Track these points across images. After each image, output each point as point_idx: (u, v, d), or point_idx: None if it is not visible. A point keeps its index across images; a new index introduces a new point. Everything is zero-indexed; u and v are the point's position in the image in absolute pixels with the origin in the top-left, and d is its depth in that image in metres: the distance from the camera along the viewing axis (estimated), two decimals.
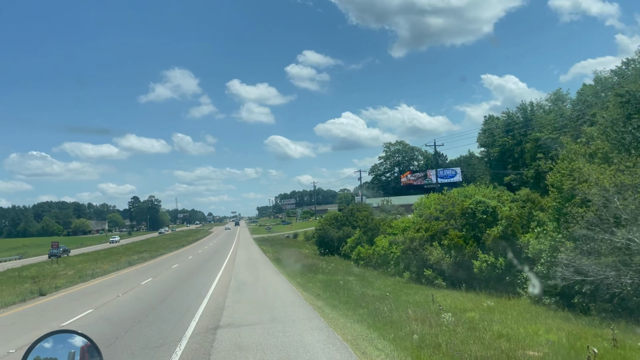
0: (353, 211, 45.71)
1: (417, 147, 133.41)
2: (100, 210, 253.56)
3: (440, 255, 23.39)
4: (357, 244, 36.03)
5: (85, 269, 43.18)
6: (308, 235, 78.66)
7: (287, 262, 33.49)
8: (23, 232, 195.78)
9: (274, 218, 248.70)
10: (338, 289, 18.39)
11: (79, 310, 17.07)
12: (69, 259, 62.59)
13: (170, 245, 77.12)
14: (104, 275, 33.68)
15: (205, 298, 18.06)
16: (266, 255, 44.40)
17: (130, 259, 50.19)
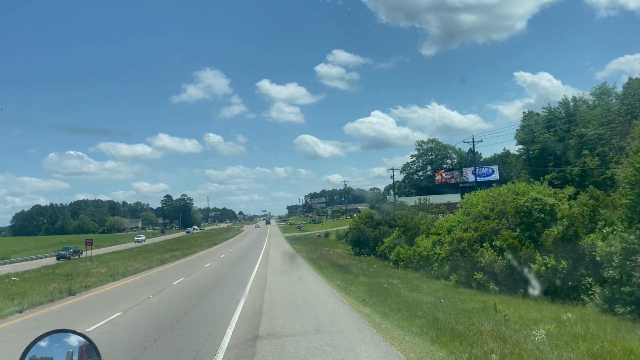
0: (389, 210, 43.84)
1: (450, 145, 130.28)
2: (135, 208, 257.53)
3: (493, 257, 21.43)
4: (396, 244, 34.20)
5: (117, 267, 42.55)
6: (340, 235, 77.05)
7: (323, 262, 31.91)
8: (60, 229, 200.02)
9: (304, 217, 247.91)
10: (385, 293, 16.68)
11: (107, 313, 15.85)
12: (103, 257, 62.54)
13: (202, 244, 76.62)
14: (136, 274, 32.77)
15: (240, 301, 16.63)
16: (300, 254, 42.97)
17: (163, 257, 49.48)
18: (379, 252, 39.63)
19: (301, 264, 32.27)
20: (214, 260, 40.58)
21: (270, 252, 48.83)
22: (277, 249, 54.08)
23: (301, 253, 44.15)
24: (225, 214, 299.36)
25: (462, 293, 20.02)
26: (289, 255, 42.45)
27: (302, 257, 38.81)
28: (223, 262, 38.38)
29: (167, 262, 42.79)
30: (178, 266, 38.04)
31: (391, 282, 20.68)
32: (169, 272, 33.01)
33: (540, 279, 19.92)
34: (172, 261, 44.34)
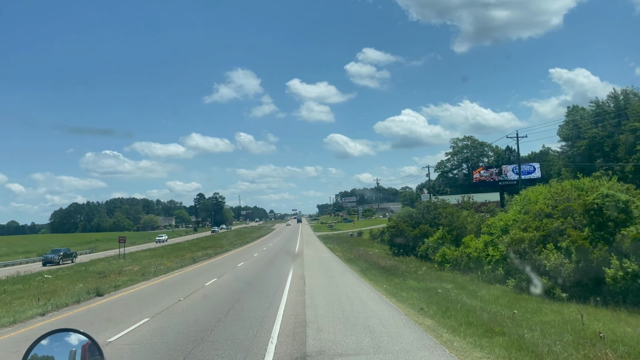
0: (430, 208, 41.44)
1: (486, 143, 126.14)
2: (168, 206, 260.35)
3: (560, 260, 18.99)
4: (440, 244, 31.88)
5: (149, 265, 41.60)
6: (374, 234, 74.81)
7: (363, 263, 29.90)
8: (97, 226, 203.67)
9: (334, 216, 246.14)
10: (443, 301, 14.57)
11: (134, 318, 14.26)
12: (136, 255, 62.02)
13: (234, 242, 75.53)
14: (167, 273, 31.44)
15: (280, 307, 14.79)
16: (335, 254, 41.07)
17: (195, 255, 48.36)
18: (419, 253, 37.32)
19: (340, 265, 30.34)
20: (247, 260, 39.04)
21: (305, 250, 47.05)
22: (311, 248, 52.28)
23: (337, 252, 42.24)
24: (256, 213, 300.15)
25: (526, 300, 17.70)
26: (325, 255, 40.61)
27: (339, 257, 36.89)
28: (257, 261, 36.84)
29: (200, 261, 41.51)
30: (210, 265, 36.64)
31: (444, 287, 18.52)
32: (201, 271, 31.56)
33: (616, 285, 17.45)
34: (204, 260, 43.06)
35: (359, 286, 19.49)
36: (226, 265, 35.01)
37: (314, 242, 67.57)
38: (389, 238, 43.53)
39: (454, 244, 30.36)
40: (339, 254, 40.31)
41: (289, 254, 43.16)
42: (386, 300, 15.40)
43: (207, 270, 31.41)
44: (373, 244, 61.93)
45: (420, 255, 37.41)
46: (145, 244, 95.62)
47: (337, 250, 45.60)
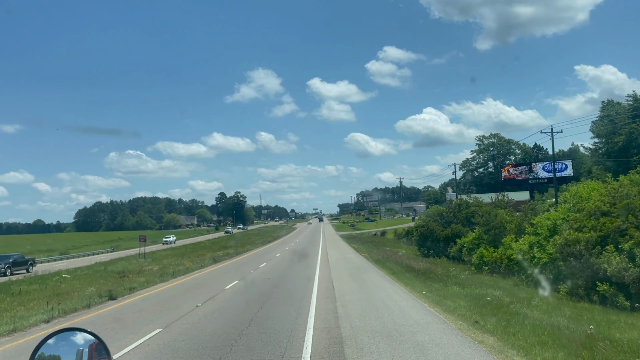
0: (461, 207, 39.14)
1: (513, 140, 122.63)
2: (190, 205, 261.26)
3: (623, 264, 16.73)
4: (476, 245, 29.63)
5: (169, 265, 40.33)
6: (399, 234, 72.56)
7: (393, 265, 27.89)
8: (120, 225, 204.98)
9: (356, 215, 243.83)
10: (500, 312, 12.51)
11: (145, 328, 12.57)
12: (157, 254, 60.98)
13: (255, 241, 74.07)
14: (186, 274, 29.88)
15: (309, 317, 12.92)
16: (361, 254, 39.09)
17: (216, 255, 46.93)
18: (451, 254, 35.10)
19: (368, 267, 28.37)
20: (269, 260, 37.31)
21: (329, 251, 45.19)
22: (335, 248, 50.39)
23: (362, 253, 40.26)
24: (277, 212, 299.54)
25: (588, 310, 15.50)
26: (351, 256, 38.67)
27: (365, 258, 34.91)
28: (279, 262, 35.06)
29: (220, 261, 39.97)
30: (231, 266, 35.02)
31: (491, 294, 16.41)
32: (222, 272, 29.92)
33: None
34: (225, 260, 41.50)
35: (395, 291, 17.49)
36: (248, 266, 33.34)
37: (337, 241, 65.65)
38: (417, 238, 41.36)
39: (491, 244, 28.11)
40: (365, 255, 38.33)
41: (313, 254, 41.33)
42: (431, 310, 13.38)
43: (228, 272, 29.76)
44: (399, 244, 59.73)
45: (452, 256, 35.20)
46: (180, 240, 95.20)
47: (362, 251, 43.62)
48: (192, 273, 30.30)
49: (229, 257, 43.76)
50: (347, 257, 36.56)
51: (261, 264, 33.41)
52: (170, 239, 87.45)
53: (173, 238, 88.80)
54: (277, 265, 31.98)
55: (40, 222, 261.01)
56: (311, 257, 37.63)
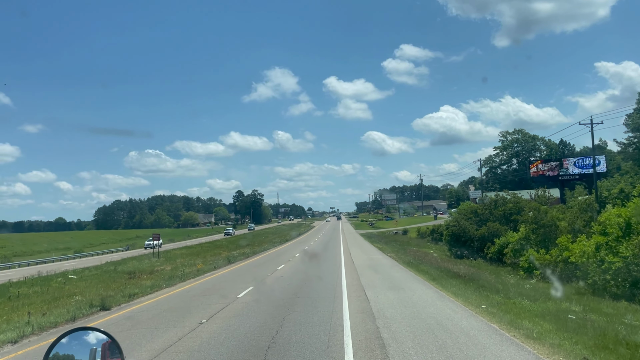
0: (498, 203, 35.36)
1: (538, 136, 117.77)
2: (208, 204, 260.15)
3: None
4: (522, 245, 25.92)
5: (181, 266, 37.48)
6: (422, 232, 68.82)
7: (429, 269, 24.36)
8: (138, 223, 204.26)
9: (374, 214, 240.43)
10: (610, 341, 9.02)
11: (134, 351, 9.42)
12: (171, 253, 58.24)
13: (273, 240, 71.02)
14: (197, 277, 26.78)
15: (345, 344, 9.55)
16: (388, 255, 35.63)
17: (231, 254, 43.96)
18: (489, 255, 31.42)
19: (402, 271, 24.91)
20: (288, 261, 34.04)
21: (352, 250, 41.85)
22: (357, 248, 47.00)
23: (389, 254, 36.79)
24: (294, 210, 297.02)
25: None
26: (377, 257, 35.23)
27: (394, 260, 31.46)
28: (299, 264, 31.75)
29: (235, 262, 36.88)
30: (246, 267, 31.86)
31: (571, 309, 12.87)
32: (236, 275, 26.73)
33: None
34: (240, 260, 38.39)
35: (446, 305, 13.98)
36: (264, 268, 30.13)
37: (358, 240, 62.24)
38: (448, 238, 37.72)
39: (541, 245, 24.42)
40: (392, 255, 34.88)
41: (335, 255, 37.98)
42: (507, 336, 9.86)
43: (242, 275, 26.58)
44: (424, 243, 56.06)
45: (490, 258, 31.53)
46: (183, 241, 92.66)
47: (388, 251, 40.16)
48: (203, 276, 27.18)
49: (244, 258, 40.65)
50: (373, 259, 33.15)
51: (279, 265, 30.15)
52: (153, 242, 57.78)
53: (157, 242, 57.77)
54: (296, 268, 28.71)
55: (61, 220, 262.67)
56: (334, 258, 34.32)
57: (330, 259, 34.46)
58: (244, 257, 40.43)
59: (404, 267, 26.19)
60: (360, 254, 37.49)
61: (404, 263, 27.98)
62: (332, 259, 34.34)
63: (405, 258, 31.20)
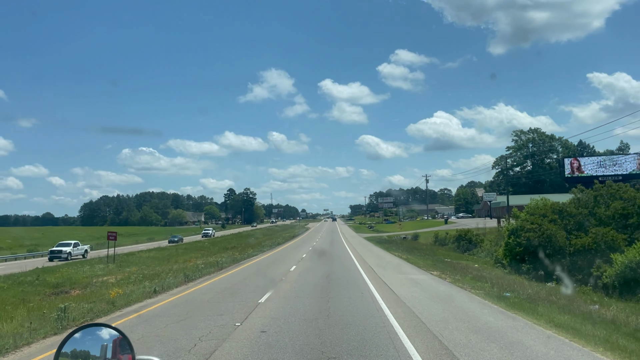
0: (604, 197, 23.09)
1: (555, 136, 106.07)
2: (199, 202, 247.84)
3: None
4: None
5: (132, 277, 25.48)
6: (442, 238, 56.57)
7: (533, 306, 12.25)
8: (125, 220, 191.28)
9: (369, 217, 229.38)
10: None
11: None
12: (133, 256, 45.55)
13: (263, 243, 58.44)
14: (145, 300, 14.40)
15: None
16: (431, 273, 23.14)
17: (207, 262, 31.84)
18: (605, 280, 19.16)
19: (484, 305, 12.72)
20: (282, 280, 21.50)
21: (368, 260, 29.33)
22: (374, 256, 34.48)
23: (431, 271, 24.26)
24: (288, 211, 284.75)
25: None
26: (416, 275, 22.48)
27: (447, 281, 19.04)
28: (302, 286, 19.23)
29: (207, 275, 24.47)
30: (222, 287, 19.21)
31: None
32: (207, 302, 14.34)
33: None
34: (215, 273, 25.86)
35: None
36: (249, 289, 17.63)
37: (368, 246, 49.88)
38: (514, 250, 25.23)
39: None
40: (436, 273, 22.52)
41: (349, 268, 25.56)
42: None
43: (217, 303, 14.17)
44: (454, 253, 43.95)
45: (604, 285, 19.15)
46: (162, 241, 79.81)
47: (420, 263, 27.76)
48: (165, 295, 14.73)
49: (219, 269, 28.09)
50: (415, 279, 20.48)
51: (266, 291, 17.48)
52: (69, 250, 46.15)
53: (79, 249, 49.23)
54: (298, 294, 16.22)
55: (49, 215, 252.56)
56: (349, 275, 21.89)
57: (344, 276, 22.04)
58: (218, 269, 27.82)
59: (485, 299, 13.94)
60: (387, 270, 24.91)
61: (494, 298, 15.37)
62: (349, 276, 21.96)
63: (476, 284, 18.76)
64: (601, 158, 60.61)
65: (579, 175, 60.98)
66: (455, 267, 26.16)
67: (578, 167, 60.53)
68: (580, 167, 60.40)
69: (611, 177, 58.42)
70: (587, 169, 60.24)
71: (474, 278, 20.46)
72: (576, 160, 61.12)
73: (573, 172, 60.65)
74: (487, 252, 42.37)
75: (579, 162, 60.71)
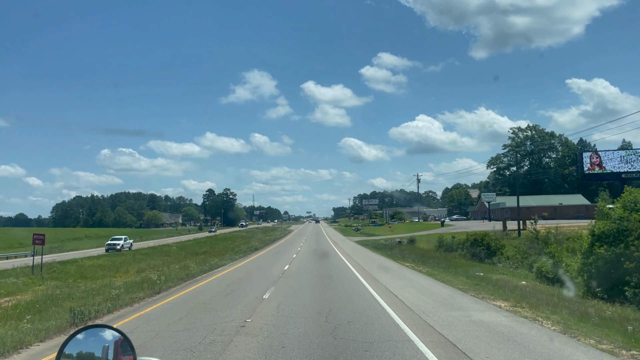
0: None
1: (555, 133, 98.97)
2: (177, 203, 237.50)
3: None
4: None
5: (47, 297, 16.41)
6: (447, 243, 48.12)
7: None
8: (99, 222, 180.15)
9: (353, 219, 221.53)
10: None
11: None
12: (73, 265, 36.14)
13: (238, 248, 49.41)
14: None
15: None
16: (469, 294, 14.67)
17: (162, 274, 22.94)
18: None
19: None
20: (255, 310, 12.72)
21: (382, 280, 20.62)
22: (387, 274, 25.65)
23: (493, 300, 15.53)
24: (270, 213, 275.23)
25: None
26: (475, 310, 13.77)
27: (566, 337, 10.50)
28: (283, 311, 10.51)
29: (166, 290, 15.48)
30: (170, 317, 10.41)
31: None
32: None
33: None
34: (176, 288, 16.83)
35: None
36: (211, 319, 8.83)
37: (366, 254, 41.18)
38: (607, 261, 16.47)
39: None
40: (505, 305, 13.99)
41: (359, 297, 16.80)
42: None
43: None
44: (468, 261, 35.59)
45: None
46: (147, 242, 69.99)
47: (458, 283, 19.13)
48: None
49: (180, 283, 19.06)
50: (493, 328, 11.67)
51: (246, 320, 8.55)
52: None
53: None
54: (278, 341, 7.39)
55: (23, 217, 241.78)
56: (381, 329, 13.11)
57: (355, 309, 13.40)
58: (181, 282, 18.74)
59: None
60: (441, 313, 16.31)
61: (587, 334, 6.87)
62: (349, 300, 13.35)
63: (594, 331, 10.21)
64: (623, 152, 52.73)
65: (600, 172, 53.17)
66: (503, 286, 17.69)
67: (598, 163, 52.59)
68: (600, 162, 52.49)
69: (638, 173, 50.88)
70: (609, 165, 52.35)
71: (572, 314, 11.95)
72: (596, 155, 53.24)
73: (593, 168, 52.80)
74: (512, 261, 34.15)
75: (600, 156, 52.77)
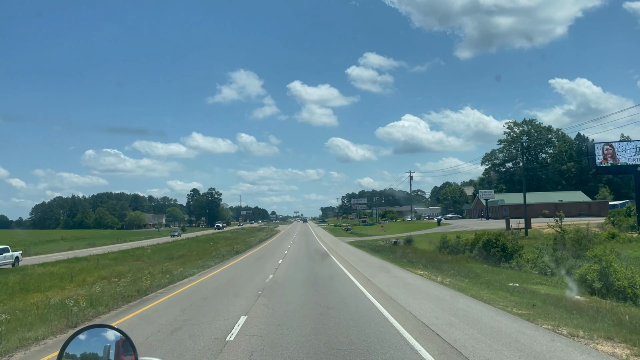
0: None
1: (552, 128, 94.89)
2: (162, 204, 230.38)
3: None
4: None
5: None
6: (452, 244, 43.18)
7: None
8: (80, 223, 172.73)
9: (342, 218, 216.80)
10: None
11: None
12: (24, 272, 30.57)
13: (217, 251, 43.92)
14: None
15: None
16: (538, 325, 9.71)
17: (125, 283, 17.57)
18: None
19: None
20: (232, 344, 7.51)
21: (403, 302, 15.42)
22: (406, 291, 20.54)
23: (561, 326, 10.51)
24: (257, 213, 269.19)
25: None
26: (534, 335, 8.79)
27: None
28: None
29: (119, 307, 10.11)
30: None
31: None
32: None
33: None
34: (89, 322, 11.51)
35: None
36: None
37: (365, 258, 35.96)
38: None
39: None
40: (573, 332, 8.98)
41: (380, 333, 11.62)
42: None
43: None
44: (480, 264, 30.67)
45: None
46: (104, 246, 64.17)
47: (504, 305, 14.09)
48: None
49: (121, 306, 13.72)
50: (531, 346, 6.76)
51: None
52: None
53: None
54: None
55: (3, 218, 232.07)
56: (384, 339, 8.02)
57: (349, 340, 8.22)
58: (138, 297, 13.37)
59: None
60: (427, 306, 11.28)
61: None
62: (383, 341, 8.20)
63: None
64: (639, 143, 48.42)
65: (614, 165, 48.79)
66: (575, 308, 12.68)
67: (612, 155, 48.22)
68: (614, 154, 48.15)
69: None
70: (623, 156, 48.07)
71: None
72: (610, 146, 48.89)
73: (606, 160, 48.42)
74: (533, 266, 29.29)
75: (613, 148, 48.42)
